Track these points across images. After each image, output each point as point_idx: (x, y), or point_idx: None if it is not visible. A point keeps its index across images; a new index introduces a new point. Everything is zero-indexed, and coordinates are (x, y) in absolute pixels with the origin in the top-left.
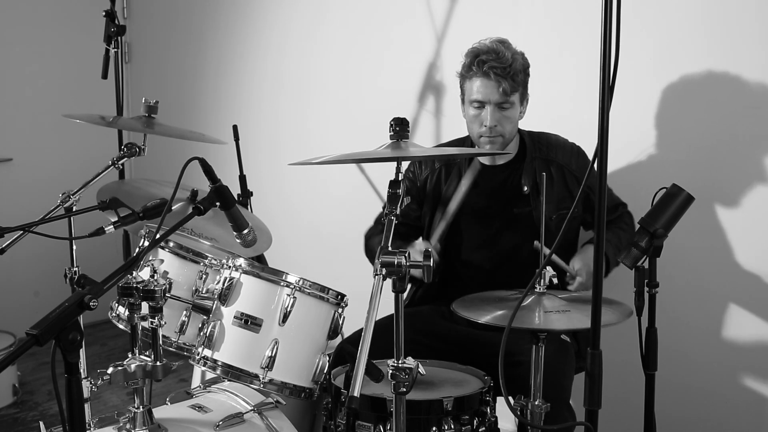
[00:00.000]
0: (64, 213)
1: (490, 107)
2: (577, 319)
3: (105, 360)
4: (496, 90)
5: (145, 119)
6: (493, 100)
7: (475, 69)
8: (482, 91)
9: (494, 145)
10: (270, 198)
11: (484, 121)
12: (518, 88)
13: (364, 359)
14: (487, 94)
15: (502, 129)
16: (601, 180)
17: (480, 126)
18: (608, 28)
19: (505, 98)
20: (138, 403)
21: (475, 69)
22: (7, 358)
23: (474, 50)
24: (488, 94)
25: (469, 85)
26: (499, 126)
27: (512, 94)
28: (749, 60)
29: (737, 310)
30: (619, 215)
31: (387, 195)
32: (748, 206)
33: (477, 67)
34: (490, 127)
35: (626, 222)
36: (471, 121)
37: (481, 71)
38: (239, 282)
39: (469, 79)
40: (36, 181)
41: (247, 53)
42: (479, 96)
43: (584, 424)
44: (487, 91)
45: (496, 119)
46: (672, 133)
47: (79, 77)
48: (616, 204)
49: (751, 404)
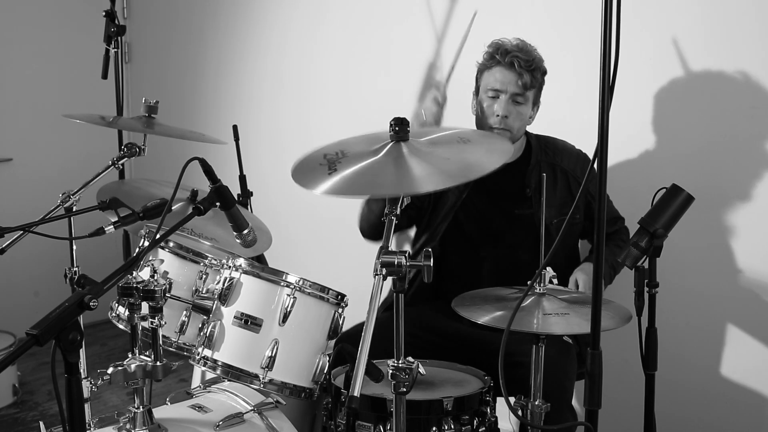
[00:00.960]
0: (64, 213)
1: (504, 97)
2: (576, 323)
3: (105, 360)
4: (515, 81)
5: (145, 119)
6: (510, 90)
7: (499, 57)
8: (501, 80)
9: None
10: (270, 198)
11: (498, 111)
12: (535, 85)
13: (364, 359)
14: (505, 83)
15: (511, 123)
16: (601, 180)
17: (493, 114)
18: (608, 27)
19: (522, 91)
20: (138, 403)
21: (499, 57)
22: (7, 358)
23: (498, 42)
24: (506, 84)
25: (488, 75)
26: (509, 118)
27: (529, 90)
28: (749, 59)
29: (737, 310)
30: (617, 230)
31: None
32: (748, 206)
33: (501, 56)
34: (502, 116)
35: (623, 239)
36: (483, 109)
37: (505, 61)
38: (239, 282)
39: (489, 69)
40: (36, 181)
41: (247, 53)
42: (497, 84)
43: (584, 424)
44: (506, 80)
45: (508, 110)
46: (672, 133)
47: (79, 77)
48: (615, 217)
49: (751, 404)
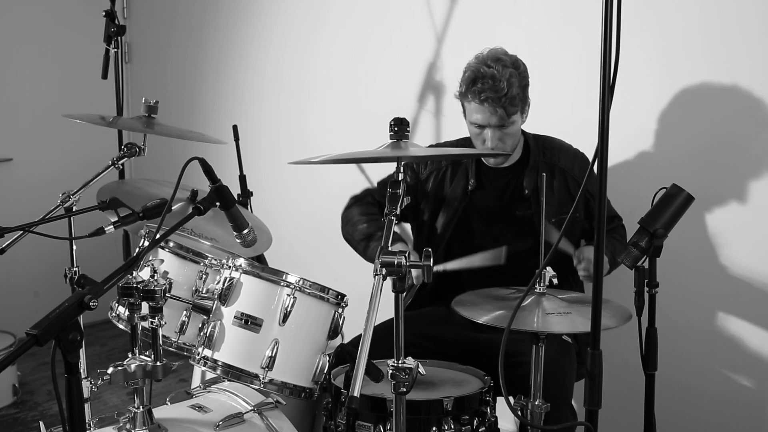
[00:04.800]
0: (64, 213)
1: (490, 130)
2: (576, 322)
3: (105, 360)
4: (494, 115)
5: (145, 119)
6: (492, 123)
7: (471, 97)
8: (480, 116)
9: (497, 159)
10: (270, 198)
11: (486, 141)
12: (517, 109)
13: (364, 359)
14: (486, 119)
15: (503, 146)
16: (601, 180)
17: (482, 144)
18: (608, 27)
19: (504, 121)
20: (138, 403)
21: (471, 97)
22: (7, 358)
23: (471, 73)
24: (487, 119)
25: (468, 106)
26: (500, 143)
27: (511, 116)
28: (749, 60)
29: (737, 310)
30: (614, 227)
31: (387, 195)
32: (747, 206)
33: (473, 95)
34: (492, 147)
35: (621, 234)
36: (473, 138)
37: (478, 98)
38: (239, 282)
39: (467, 100)
40: (36, 181)
41: (247, 53)
42: (478, 120)
43: (584, 424)
44: (486, 117)
45: (497, 138)
46: (672, 133)
47: (79, 77)
48: (612, 216)
49: (751, 404)
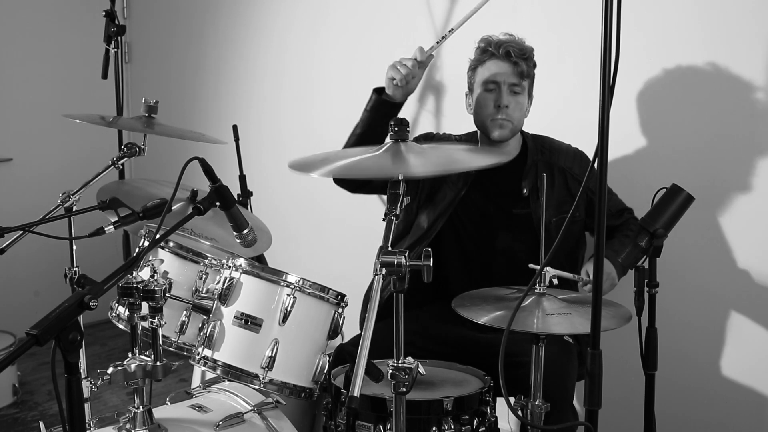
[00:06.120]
0: (64, 213)
1: (504, 87)
2: (576, 323)
3: (105, 360)
4: (512, 71)
5: (145, 119)
6: (507, 80)
7: (492, 50)
8: (497, 71)
9: (504, 130)
10: (270, 198)
11: (498, 100)
12: (531, 74)
13: (364, 359)
14: (502, 75)
15: (512, 113)
16: (601, 180)
17: (493, 106)
18: (608, 28)
19: (519, 80)
20: (138, 403)
21: (492, 50)
22: (7, 358)
23: (488, 37)
24: (503, 75)
25: (483, 69)
26: (510, 108)
27: (525, 79)
28: (748, 58)
29: (737, 309)
30: (624, 221)
31: (387, 195)
32: (748, 206)
33: (495, 48)
34: (504, 106)
35: (631, 228)
36: (481, 104)
37: (499, 52)
38: (239, 282)
39: (483, 64)
40: (36, 181)
41: (248, 53)
42: (494, 77)
43: (584, 424)
44: (502, 71)
45: (508, 100)
46: (672, 133)
47: (79, 77)
48: (621, 209)
49: (751, 404)
